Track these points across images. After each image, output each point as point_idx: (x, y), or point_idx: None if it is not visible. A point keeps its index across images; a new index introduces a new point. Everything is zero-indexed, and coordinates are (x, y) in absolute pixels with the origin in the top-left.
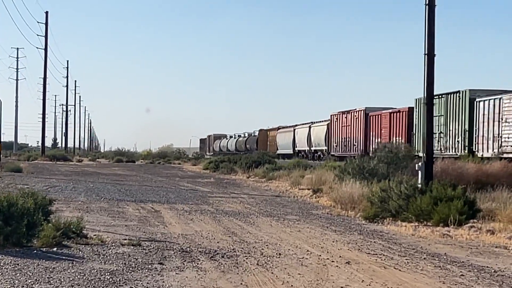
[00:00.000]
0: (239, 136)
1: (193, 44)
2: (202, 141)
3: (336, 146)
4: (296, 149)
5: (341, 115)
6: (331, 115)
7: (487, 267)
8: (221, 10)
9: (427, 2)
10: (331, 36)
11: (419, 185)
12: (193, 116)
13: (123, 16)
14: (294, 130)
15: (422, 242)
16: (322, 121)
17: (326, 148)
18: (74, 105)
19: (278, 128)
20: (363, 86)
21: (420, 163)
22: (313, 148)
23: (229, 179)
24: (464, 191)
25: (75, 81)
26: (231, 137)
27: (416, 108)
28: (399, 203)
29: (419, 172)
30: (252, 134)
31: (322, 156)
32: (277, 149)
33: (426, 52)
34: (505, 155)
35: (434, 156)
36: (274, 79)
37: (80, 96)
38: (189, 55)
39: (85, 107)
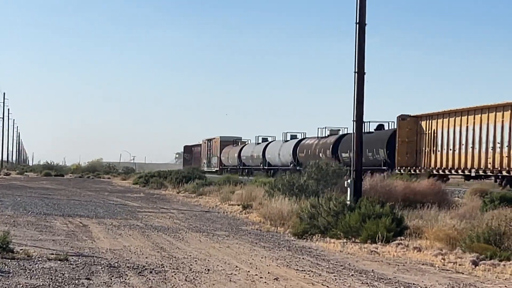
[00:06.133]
0: (293, 137)
1: (127, 57)
2: (188, 149)
3: None
4: None
5: None
6: None
7: (414, 284)
8: (156, 23)
9: (357, 21)
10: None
11: (348, 202)
12: (123, 130)
13: (54, 27)
14: None
15: (350, 258)
16: None
17: None
18: (3, 118)
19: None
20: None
21: (349, 180)
22: None
23: (159, 194)
24: (392, 208)
25: (4, 93)
26: (264, 140)
27: None
28: (328, 219)
29: (348, 189)
30: (342, 132)
31: None
32: None
33: (356, 70)
34: None
35: None
36: (212, 93)
37: (9, 109)
38: (121, 68)
39: (14, 120)
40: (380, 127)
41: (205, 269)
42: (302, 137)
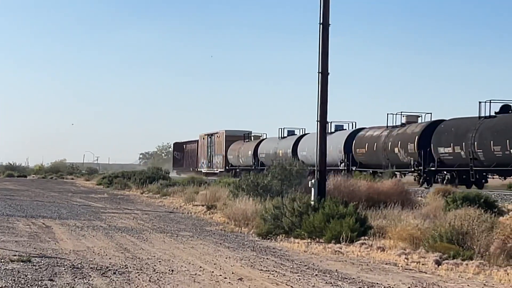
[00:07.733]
0: (338, 128)
1: (91, 57)
2: (178, 147)
3: None
4: None
5: None
6: None
7: (377, 283)
8: (118, 23)
9: (321, 21)
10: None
11: (312, 202)
12: (87, 130)
13: (18, 25)
14: None
15: (314, 258)
16: None
17: None
18: None
19: None
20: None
21: (313, 180)
22: None
23: (122, 195)
24: (355, 208)
25: None
26: (291, 133)
27: None
28: (292, 220)
29: (312, 189)
30: None
31: None
32: None
33: (320, 71)
34: None
35: None
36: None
37: None
38: (84, 68)
39: None
40: (505, 108)
41: (169, 270)
42: (354, 127)
